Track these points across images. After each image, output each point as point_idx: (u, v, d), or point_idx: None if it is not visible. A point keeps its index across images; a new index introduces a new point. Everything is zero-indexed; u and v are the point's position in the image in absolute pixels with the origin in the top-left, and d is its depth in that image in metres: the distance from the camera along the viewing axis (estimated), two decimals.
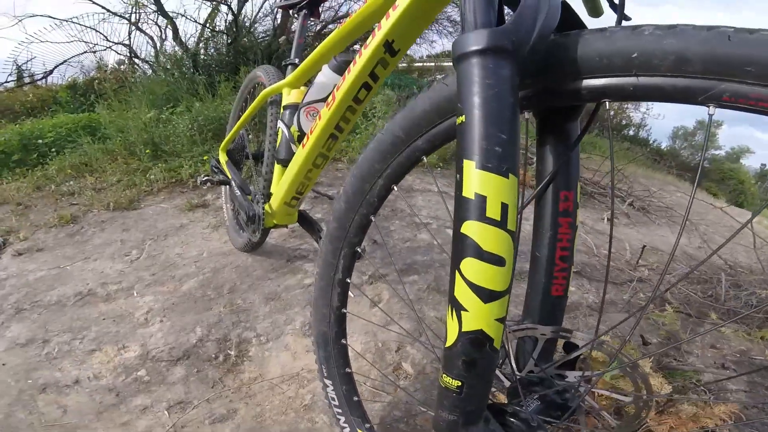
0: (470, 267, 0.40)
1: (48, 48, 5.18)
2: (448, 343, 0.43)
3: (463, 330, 0.41)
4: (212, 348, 1.20)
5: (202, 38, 4.98)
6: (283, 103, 1.27)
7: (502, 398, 0.59)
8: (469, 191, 0.40)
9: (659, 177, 7.01)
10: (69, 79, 5.23)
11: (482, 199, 0.39)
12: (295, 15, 1.52)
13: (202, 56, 4.58)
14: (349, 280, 0.76)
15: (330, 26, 5.58)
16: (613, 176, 0.58)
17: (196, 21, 4.87)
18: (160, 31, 5.23)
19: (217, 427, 0.96)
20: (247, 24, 5.15)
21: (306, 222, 1.34)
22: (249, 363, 1.16)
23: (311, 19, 1.53)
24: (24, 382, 1.09)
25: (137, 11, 4.88)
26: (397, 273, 1.56)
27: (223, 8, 4.89)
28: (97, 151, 2.94)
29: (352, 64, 0.78)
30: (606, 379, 1.00)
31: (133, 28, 5.06)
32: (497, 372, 0.57)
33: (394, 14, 0.67)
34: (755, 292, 2.07)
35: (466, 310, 0.41)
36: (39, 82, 5.37)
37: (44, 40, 5.06)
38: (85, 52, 5.22)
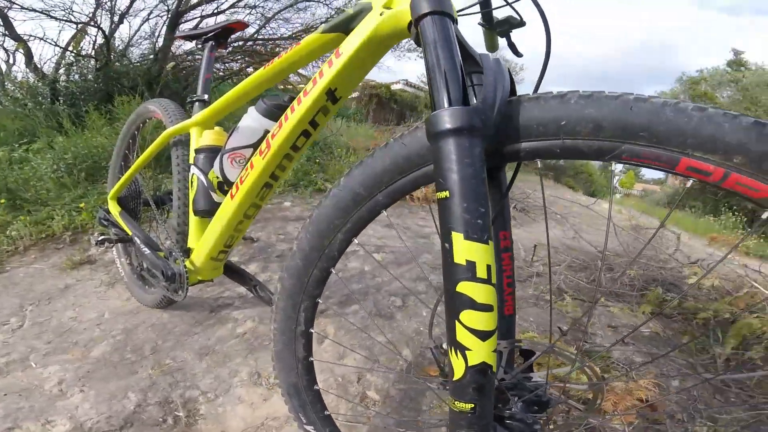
0: (468, 317, 0.48)
1: None
2: (457, 377, 0.51)
3: (469, 365, 0.49)
4: (156, 411, 1.07)
5: (63, 63, 4.39)
6: (195, 146, 1.17)
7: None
8: (460, 258, 0.48)
9: (532, 179, 7.94)
10: None
11: (473, 264, 0.47)
12: (199, 46, 1.44)
13: (63, 83, 4.05)
14: (312, 330, 0.76)
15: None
16: (544, 199, 0.70)
17: (56, 44, 4.27)
18: (7, 55, 4.58)
19: None
20: (121, 47, 4.70)
21: (234, 273, 1.27)
22: (204, 421, 1.05)
23: (218, 50, 1.47)
24: None
25: None
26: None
27: (92, 30, 4.38)
28: None
29: (289, 111, 0.78)
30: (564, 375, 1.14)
31: None
32: None
33: (337, 62, 0.69)
34: (626, 273, 2.46)
35: (469, 350, 0.49)
36: None
37: None
38: None
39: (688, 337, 1.71)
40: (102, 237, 1.49)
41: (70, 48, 4.35)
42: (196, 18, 5.11)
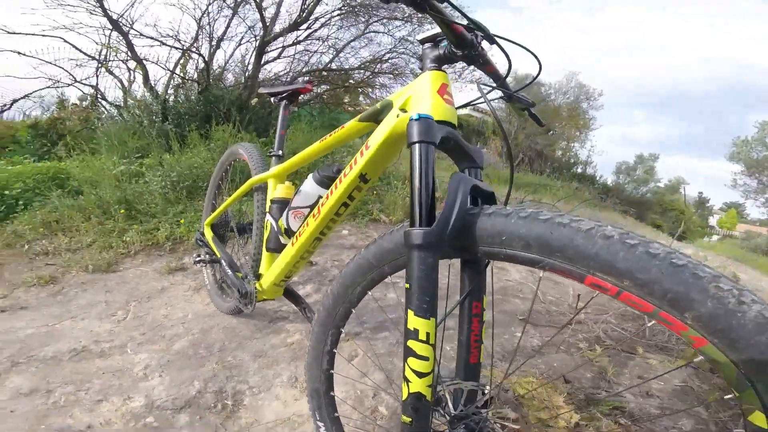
0: (412, 361, 0.71)
1: (7, 82, 5.15)
2: (403, 398, 0.74)
3: (410, 392, 0.72)
4: (211, 398, 1.38)
5: (172, 85, 5.13)
6: (270, 197, 1.49)
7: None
8: (410, 326, 0.71)
9: (606, 216, 7.63)
10: (30, 118, 5.19)
11: (417, 331, 0.71)
12: (276, 101, 1.78)
13: (171, 104, 4.68)
14: (335, 351, 1.01)
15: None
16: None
17: (165, 68, 5.03)
18: (130, 73, 5.36)
19: None
20: (218, 72, 5.33)
21: (291, 295, 1.57)
22: (245, 410, 1.34)
23: (291, 107, 1.80)
24: (38, 426, 1.22)
25: (109, 53, 5.01)
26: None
27: (195, 55, 5.12)
28: (69, 207, 3.01)
29: (337, 182, 1.04)
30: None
31: (102, 68, 5.14)
32: (441, 410, 0.84)
33: (366, 153, 0.94)
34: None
35: (411, 382, 0.72)
36: None
37: (4, 75, 4.94)
38: (47, 87, 5.17)
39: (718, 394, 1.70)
40: (198, 258, 1.90)
41: (177, 71, 5.04)
42: (278, 48, 5.70)
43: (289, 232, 1.33)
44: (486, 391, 0.86)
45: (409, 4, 0.79)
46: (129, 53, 4.78)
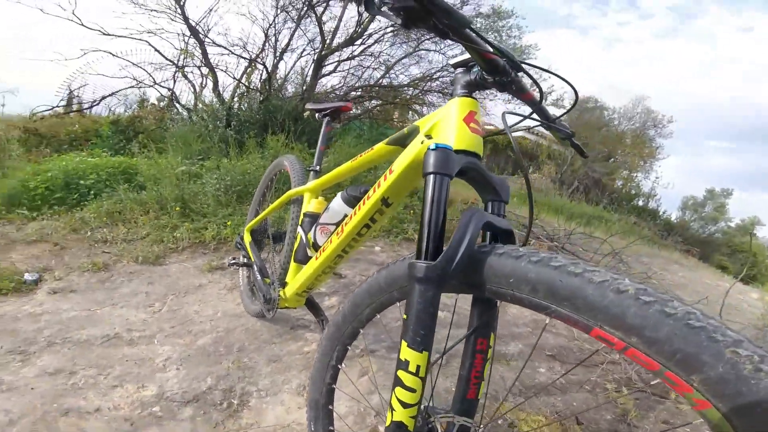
0: (399, 391, 0.71)
1: (99, 80, 5.56)
2: (387, 424, 0.73)
3: (393, 419, 0.71)
4: (219, 396, 1.40)
5: (237, 93, 5.42)
6: (304, 210, 1.52)
7: None
8: (402, 356, 0.70)
9: (665, 255, 7.09)
10: (113, 114, 5.63)
11: (408, 362, 0.69)
12: (319, 117, 1.83)
13: (235, 110, 4.92)
14: (340, 366, 0.99)
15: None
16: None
17: (233, 76, 5.32)
18: (202, 79, 5.71)
19: None
20: (279, 82, 5.56)
21: (312, 306, 1.59)
22: (248, 411, 1.35)
23: (333, 124, 1.83)
24: (50, 405, 1.29)
25: (185, 58, 5.38)
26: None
27: (260, 65, 5.38)
28: (132, 200, 3.22)
29: (357, 207, 1.04)
30: None
31: (178, 73, 5.52)
32: None
33: (390, 177, 0.93)
34: None
35: (395, 410, 0.71)
36: (85, 111, 5.77)
37: (97, 73, 5.44)
38: (131, 87, 5.64)
39: None
40: (233, 260, 1.96)
41: (243, 80, 5.31)
42: (334, 62, 5.85)
43: (316, 246, 1.35)
44: (478, 428, 0.83)
45: (431, 30, 0.77)
46: (203, 60, 5.12)
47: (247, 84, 5.27)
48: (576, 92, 0.98)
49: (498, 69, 0.82)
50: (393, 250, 3.04)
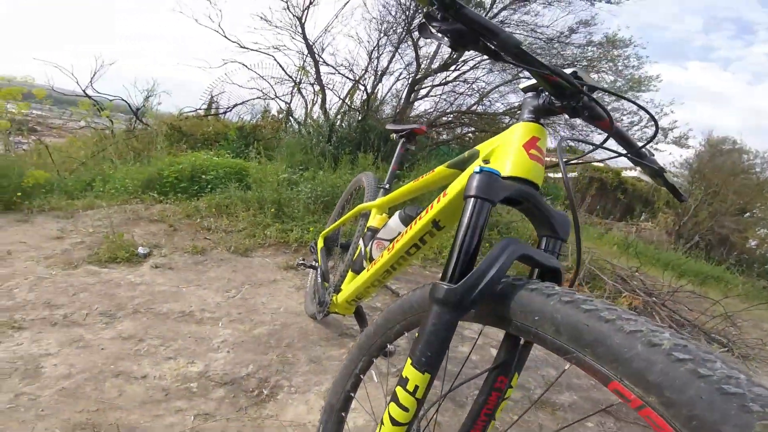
0: (393, 407, 0.69)
1: (233, 88, 6.33)
2: None
3: None
4: (253, 383, 1.48)
5: (340, 112, 5.75)
6: (368, 223, 1.57)
7: None
8: (405, 373, 0.68)
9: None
10: (240, 121, 6.29)
11: (407, 380, 0.68)
12: (396, 138, 1.87)
13: (337, 127, 5.21)
14: (362, 376, 1.00)
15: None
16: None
17: (338, 95, 5.67)
18: (314, 96, 6.15)
19: None
20: (376, 104, 5.78)
21: (360, 317, 1.62)
22: (273, 404, 1.41)
23: (408, 146, 1.87)
24: (108, 366, 1.46)
25: (301, 75, 5.87)
26: None
27: (361, 86, 5.68)
28: (238, 198, 3.57)
29: (413, 223, 1.03)
30: None
31: (295, 88, 6.02)
32: None
33: (443, 200, 0.91)
34: None
35: (383, 425, 0.70)
36: (220, 116, 6.49)
37: (232, 82, 6.23)
38: (258, 98, 6.31)
39: None
40: (301, 262, 2.08)
41: (347, 100, 5.62)
42: (428, 86, 5.88)
43: (371, 259, 1.38)
44: None
45: (482, 52, 0.75)
46: (316, 77, 5.54)
47: (349, 104, 5.57)
48: (656, 122, 0.88)
49: (565, 93, 0.76)
50: None
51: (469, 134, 6.84)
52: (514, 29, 5.77)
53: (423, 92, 6.29)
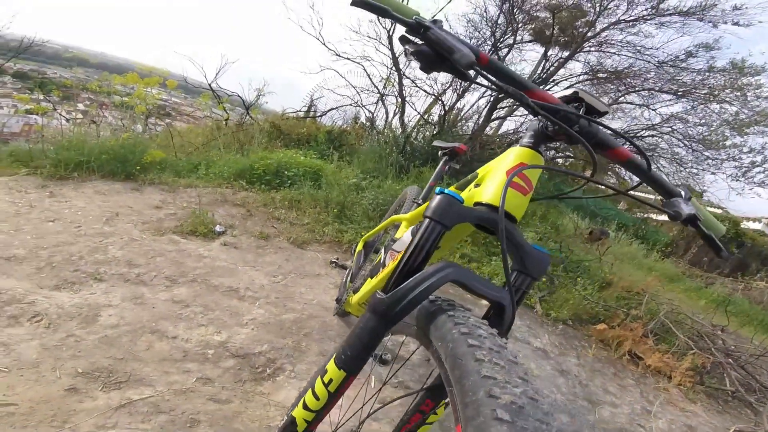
0: (308, 394, 0.74)
1: (329, 94, 6.78)
2: (286, 414, 0.77)
3: (291, 413, 0.76)
4: (261, 361, 1.63)
5: (417, 125, 5.80)
6: (395, 234, 1.61)
7: None
8: (327, 366, 0.73)
9: None
10: (332, 125, 6.66)
11: (326, 372, 0.72)
12: (441, 155, 1.91)
13: (413, 139, 5.27)
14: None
15: None
16: None
17: (416, 110, 5.75)
18: (396, 107, 6.32)
19: (209, 405, 1.34)
20: (452, 120, 5.72)
21: None
22: (270, 383, 1.53)
23: (451, 164, 1.89)
24: (150, 323, 1.67)
25: (386, 87, 6.07)
26: None
27: (441, 102, 5.68)
28: (309, 195, 3.83)
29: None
30: None
31: (379, 98, 6.26)
32: None
33: None
34: None
35: (297, 406, 0.75)
36: (317, 119, 6.92)
37: (328, 88, 6.64)
38: (348, 105, 6.66)
39: None
40: (334, 260, 2.21)
41: (424, 114, 5.66)
42: (506, 106, 5.62)
43: (383, 268, 1.45)
44: None
45: (452, 73, 0.71)
46: (398, 90, 5.67)
47: (426, 118, 5.61)
48: (648, 161, 0.79)
49: (557, 114, 0.72)
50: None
51: (559, 158, 6.45)
52: (619, 50, 5.33)
53: (504, 111, 6.05)
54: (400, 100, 5.88)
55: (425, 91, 5.76)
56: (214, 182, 3.95)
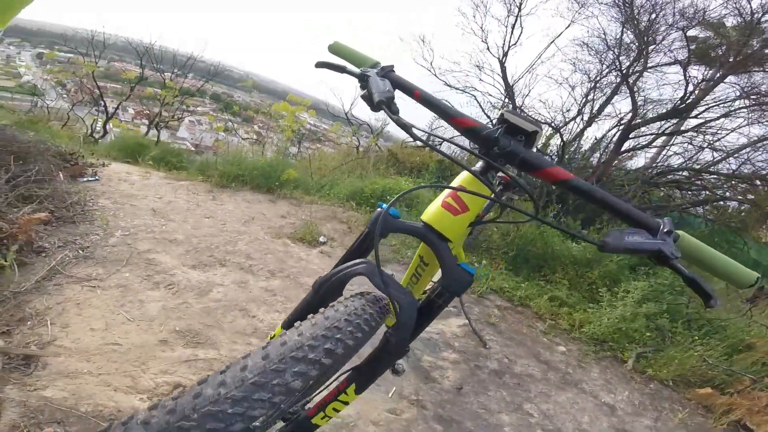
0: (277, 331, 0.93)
1: (444, 124, 6.89)
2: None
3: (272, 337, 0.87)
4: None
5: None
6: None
7: None
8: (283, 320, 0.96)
9: None
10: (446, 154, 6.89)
11: (275, 326, 1.02)
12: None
13: None
14: None
15: None
16: None
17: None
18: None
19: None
20: (571, 153, 5.36)
21: None
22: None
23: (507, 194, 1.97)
24: (242, 302, 2.11)
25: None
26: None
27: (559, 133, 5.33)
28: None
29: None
30: None
31: None
32: None
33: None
34: None
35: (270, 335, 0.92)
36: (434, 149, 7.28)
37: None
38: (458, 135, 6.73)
39: None
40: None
41: (540, 146, 5.42)
42: (647, 134, 4.94)
43: None
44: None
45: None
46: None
47: (541, 149, 5.38)
48: (536, 204, 0.81)
49: (478, 137, 0.76)
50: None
51: (713, 203, 4.99)
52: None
53: (644, 141, 5.17)
54: None
55: (544, 122, 5.57)
56: (331, 201, 4.54)
